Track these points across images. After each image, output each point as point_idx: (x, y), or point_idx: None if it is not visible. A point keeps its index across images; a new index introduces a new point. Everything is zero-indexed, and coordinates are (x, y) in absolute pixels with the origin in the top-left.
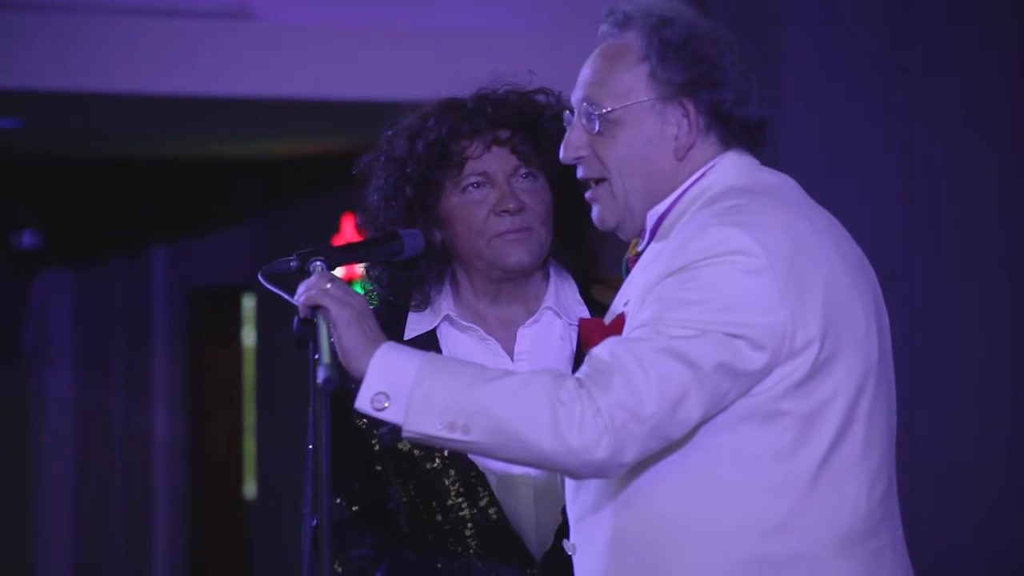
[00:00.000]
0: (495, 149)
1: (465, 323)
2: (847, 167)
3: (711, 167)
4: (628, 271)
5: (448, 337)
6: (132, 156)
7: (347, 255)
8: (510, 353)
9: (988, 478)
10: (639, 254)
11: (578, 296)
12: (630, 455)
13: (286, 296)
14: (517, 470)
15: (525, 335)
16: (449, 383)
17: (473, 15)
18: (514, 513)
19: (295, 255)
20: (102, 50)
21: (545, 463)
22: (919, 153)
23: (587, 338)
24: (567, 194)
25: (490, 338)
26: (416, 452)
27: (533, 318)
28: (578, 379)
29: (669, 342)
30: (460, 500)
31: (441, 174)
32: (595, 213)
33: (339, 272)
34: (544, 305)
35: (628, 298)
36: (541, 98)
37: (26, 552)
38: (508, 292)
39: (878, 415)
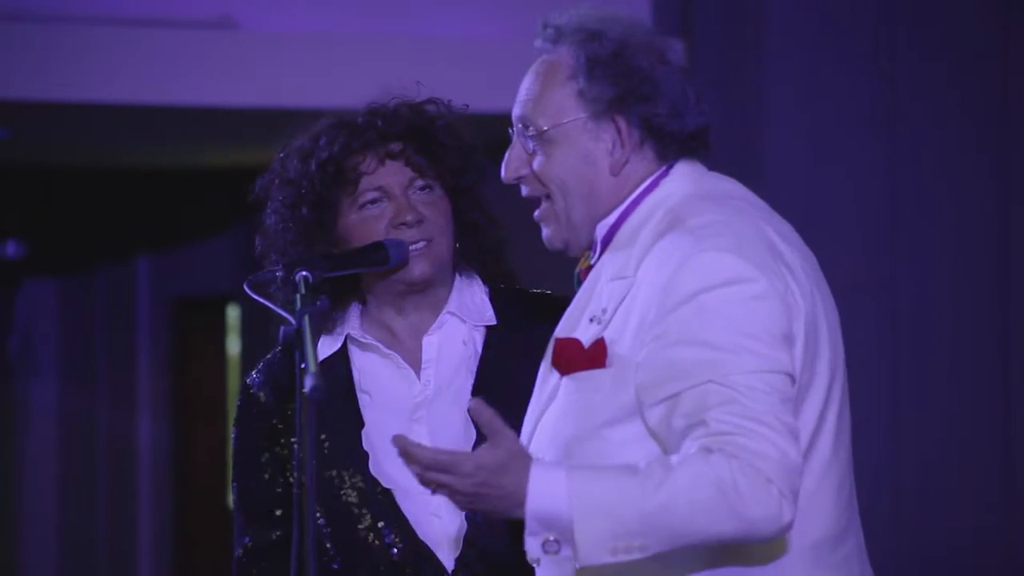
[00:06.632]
0: (389, 163)
1: (366, 340)
2: (832, 172)
3: (662, 176)
4: (580, 283)
5: (355, 356)
6: (116, 166)
7: (332, 265)
8: (417, 364)
9: (975, 481)
10: (591, 267)
11: (485, 298)
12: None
13: (271, 305)
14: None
15: (431, 343)
16: (607, 510)
17: (460, 23)
18: (422, 523)
19: (280, 265)
20: (86, 60)
21: (731, 543)
22: (905, 158)
23: (569, 363)
24: (464, 201)
25: (391, 352)
26: (325, 473)
27: (436, 324)
28: (724, 452)
29: (756, 392)
30: (366, 514)
31: (337, 192)
32: (544, 234)
33: None
34: (446, 310)
35: (594, 315)
36: (431, 108)
37: (11, 562)
38: (414, 301)
39: (843, 417)
